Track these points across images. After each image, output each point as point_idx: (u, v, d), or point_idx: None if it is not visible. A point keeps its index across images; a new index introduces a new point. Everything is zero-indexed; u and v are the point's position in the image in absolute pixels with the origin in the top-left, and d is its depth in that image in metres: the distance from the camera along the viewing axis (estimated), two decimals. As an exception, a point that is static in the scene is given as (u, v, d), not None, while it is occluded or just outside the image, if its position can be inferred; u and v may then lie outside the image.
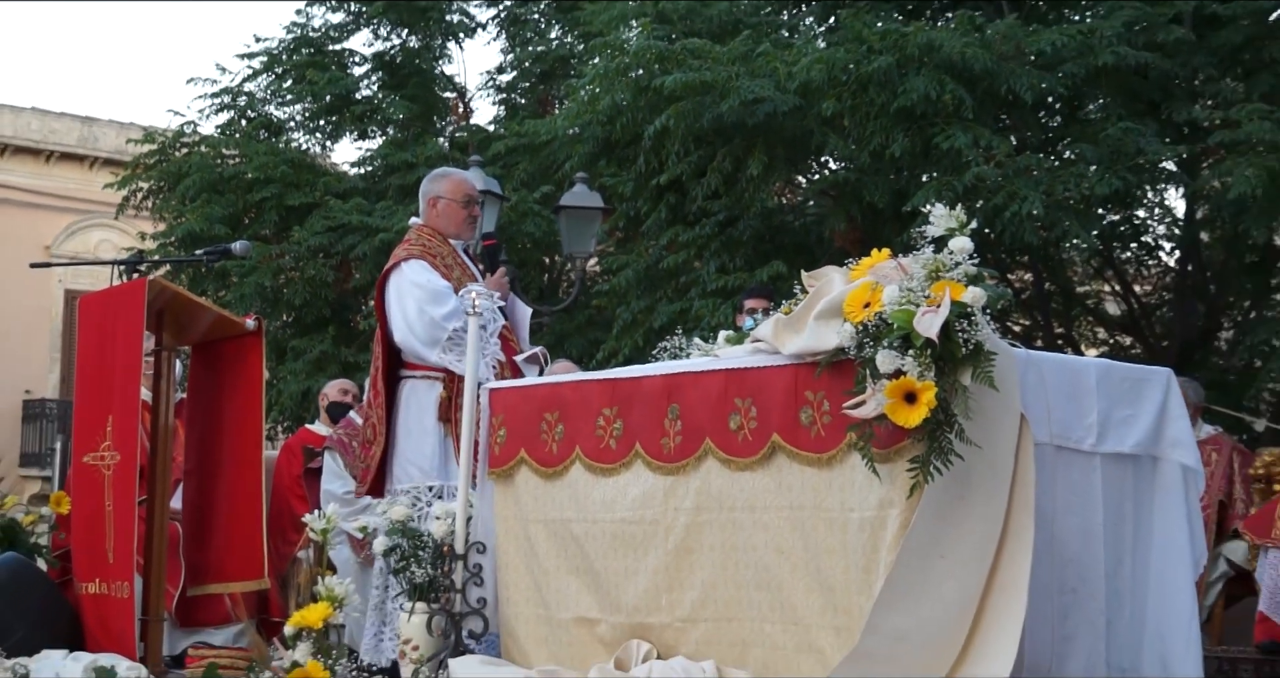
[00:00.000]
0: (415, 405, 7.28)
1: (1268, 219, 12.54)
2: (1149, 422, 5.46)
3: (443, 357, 7.12)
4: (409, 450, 7.27)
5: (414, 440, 7.26)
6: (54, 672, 6.57)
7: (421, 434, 7.25)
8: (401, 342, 7.28)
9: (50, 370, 31.25)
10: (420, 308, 7.17)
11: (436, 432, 7.20)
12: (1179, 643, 5.44)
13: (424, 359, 7.22)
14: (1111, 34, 12.93)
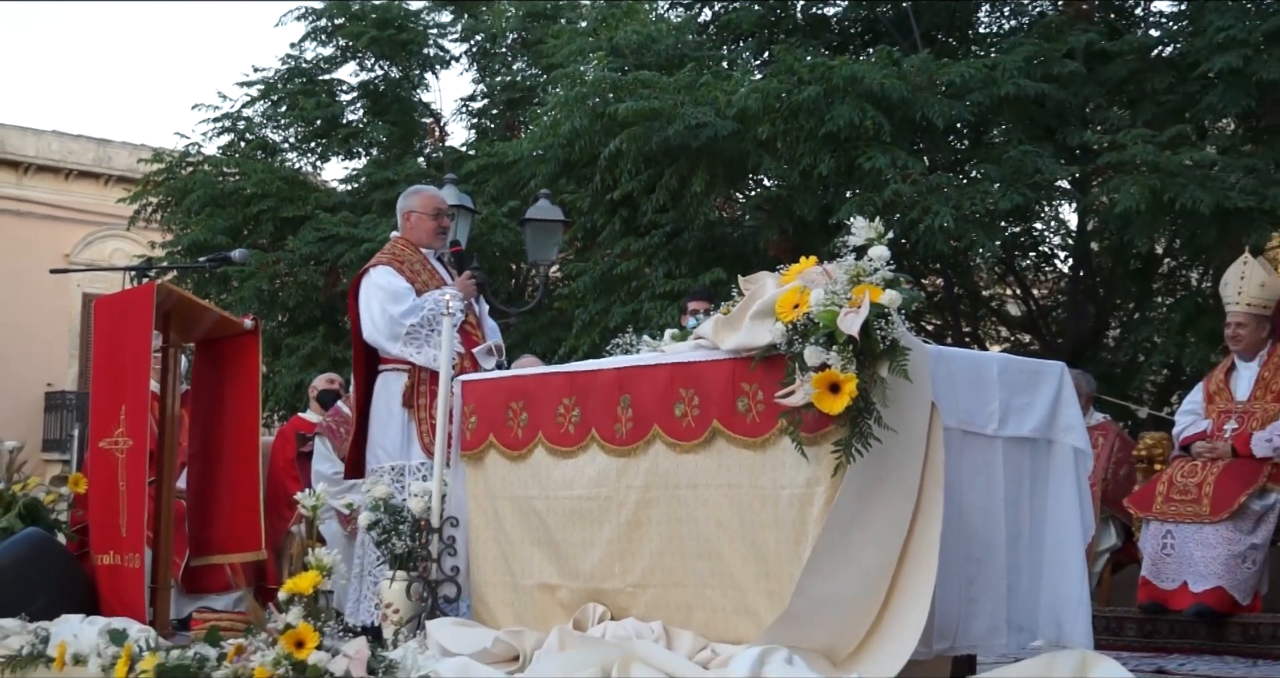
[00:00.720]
0: (385, 395, 7.30)
1: (1149, 231, 12.62)
2: (1045, 409, 5.48)
3: (403, 349, 7.16)
4: (378, 435, 7.30)
5: (382, 426, 7.29)
6: (72, 634, 6.54)
7: (389, 420, 7.26)
8: (368, 337, 7.31)
9: (69, 365, 31.08)
10: (382, 307, 7.20)
11: (401, 417, 7.21)
12: (1071, 604, 5.45)
13: (387, 352, 7.25)
14: (1013, 67, 13.01)
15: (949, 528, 4.78)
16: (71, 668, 6.41)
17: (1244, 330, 8.26)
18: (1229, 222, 11.71)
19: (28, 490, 7.94)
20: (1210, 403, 8.27)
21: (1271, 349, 8.23)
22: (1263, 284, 8.32)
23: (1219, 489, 7.70)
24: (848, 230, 4.80)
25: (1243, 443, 7.93)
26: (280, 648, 5.30)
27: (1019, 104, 13.22)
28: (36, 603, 7.02)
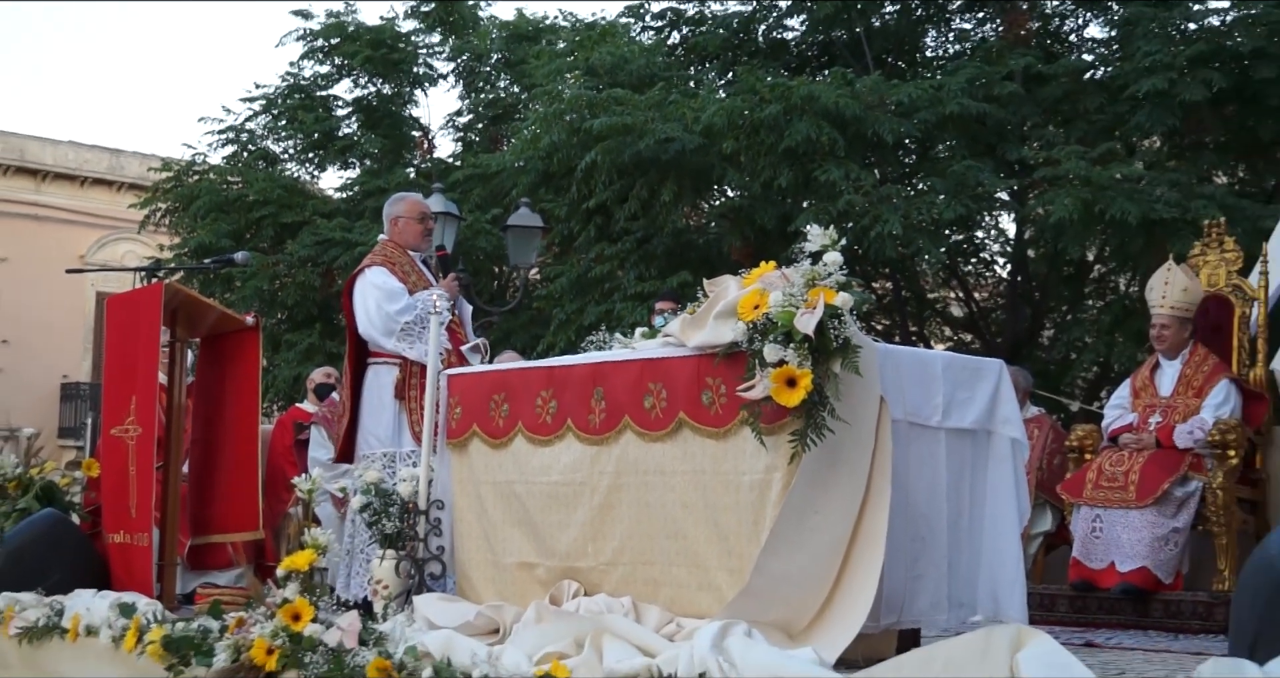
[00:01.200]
0: (376, 386, 7.29)
1: (1081, 240, 12.65)
2: (984, 403, 5.50)
3: (397, 344, 7.15)
4: (370, 423, 7.28)
5: (374, 415, 7.27)
6: (85, 607, 6.52)
7: (380, 410, 7.25)
8: (364, 332, 7.29)
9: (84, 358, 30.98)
10: (378, 305, 7.19)
11: (393, 407, 7.21)
12: (1007, 582, 5.47)
13: (381, 347, 7.24)
14: (956, 88, 13.04)
15: (896, 512, 4.80)
16: (84, 639, 6.40)
17: (1168, 332, 8.30)
18: (1154, 231, 11.76)
19: (44, 474, 7.92)
20: (1136, 398, 8.31)
21: (1193, 349, 8.27)
22: (1185, 289, 8.36)
23: (1144, 477, 7.74)
24: (804, 237, 4.82)
25: (1166, 435, 7.96)
26: (278, 621, 5.29)
27: (962, 122, 13.25)
28: (52, 579, 7.00)
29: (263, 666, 5.26)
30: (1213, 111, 12.78)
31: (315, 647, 5.15)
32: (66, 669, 6.47)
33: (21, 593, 6.99)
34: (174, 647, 5.69)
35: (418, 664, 4.73)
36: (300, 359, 15.92)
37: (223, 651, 5.41)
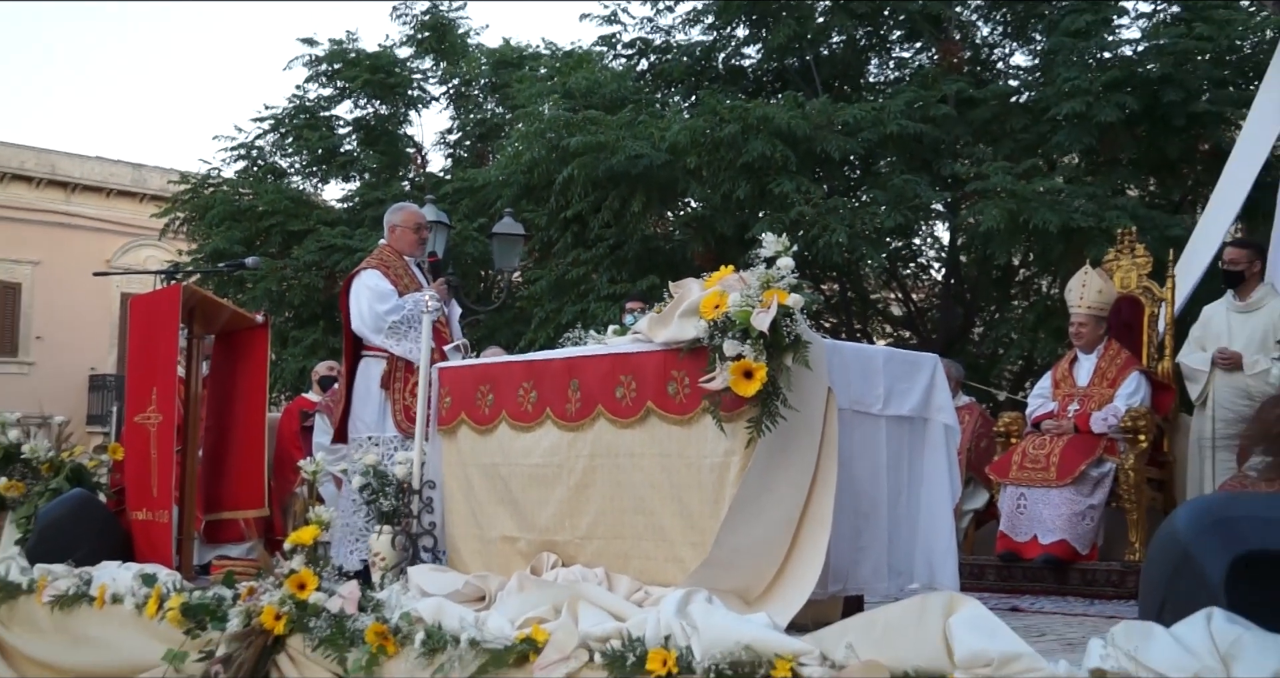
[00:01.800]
0: (366, 377, 7.30)
1: (1008, 246, 12.70)
2: (921, 393, 5.52)
3: (384, 340, 7.16)
4: (359, 410, 7.29)
5: (363, 403, 7.28)
6: (111, 578, 6.51)
7: (368, 398, 7.26)
8: (356, 328, 7.30)
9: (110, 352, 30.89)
10: (370, 304, 7.20)
11: (379, 396, 7.21)
12: (941, 553, 5.50)
13: (370, 341, 7.25)
14: (896, 110, 13.06)
15: (841, 491, 4.82)
16: (110, 606, 6.38)
17: (1085, 329, 8.33)
18: (1073, 238, 11.80)
19: (74, 457, 7.91)
20: (1057, 388, 8.34)
21: (1107, 344, 8.31)
22: (1100, 291, 8.40)
23: (1063, 459, 7.77)
24: (760, 244, 4.82)
25: (1083, 421, 8.00)
26: (285, 590, 5.29)
27: (901, 141, 13.28)
28: (81, 552, 7.01)
29: (272, 630, 5.26)
30: (1125, 131, 12.83)
31: (319, 613, 5.15)
32: (94, 633, 6.45)
33: (53, 564, 6.98)
34: (191, 613, 5.68)
35: (411, 628, 4.73)
36: (305, 354, 15.88)
37: (235, 616, 5.41)
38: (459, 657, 4.46)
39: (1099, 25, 13.40)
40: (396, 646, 4.74)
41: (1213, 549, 3.30)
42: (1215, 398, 7.99)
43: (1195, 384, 8.18)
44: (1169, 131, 12.77)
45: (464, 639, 4.49)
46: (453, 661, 4.48)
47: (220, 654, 5.34)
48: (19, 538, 7.57)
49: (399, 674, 4.70)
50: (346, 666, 4.86)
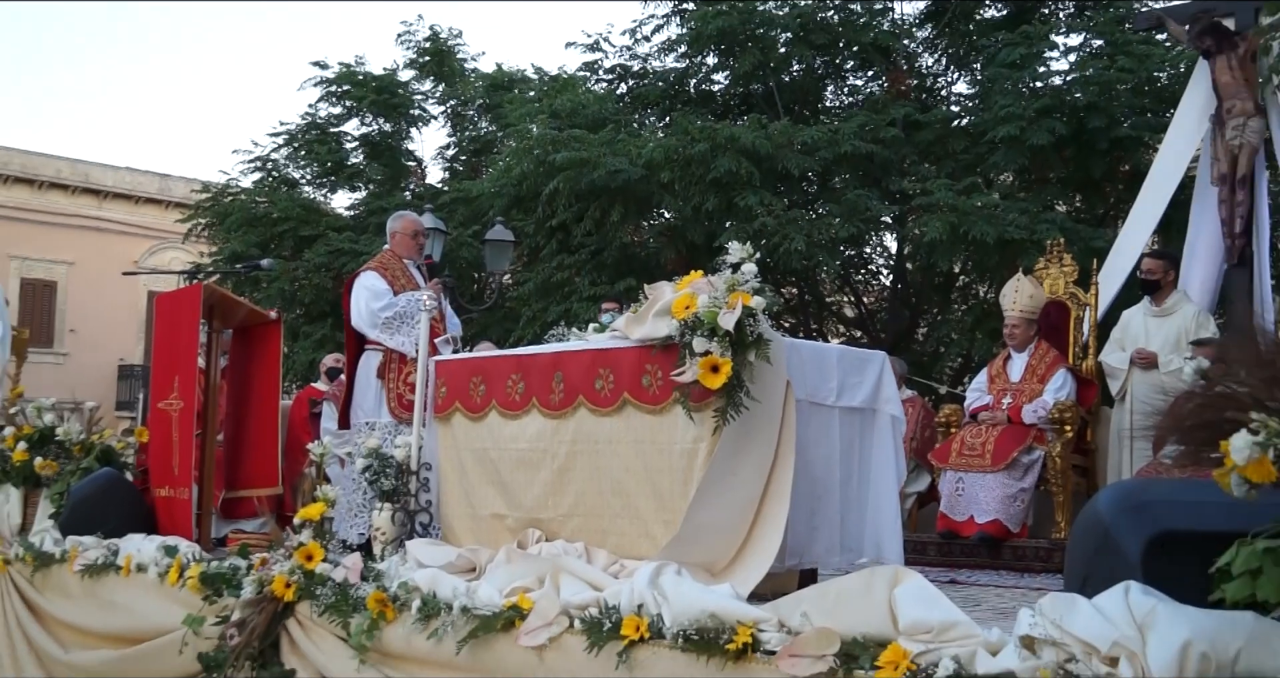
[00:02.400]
0: (366, 368, 7.30)
1: (949, 255, 12.71)
2: (870, 386, 5.53)
3: (379, 334, 7.17)
4: (360, 398, 7.30)
5: (363, 391, 7.29)
6: (136, 549, 6.49)
7: (367, 387, 7.26)
8: (354, 324, 7.31)
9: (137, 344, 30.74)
10: (366, 303, 7.21)
11: (376, 385, 7.21)
12: (887, 531, 5.51)
13: (368, 336, 7.24)
14: (849, 132, 13.08)
15: (798, 474, 4.82)
16: (135, 574, 6.37)
17: (1018, 330, 8.36)
18: (1007, 249, 11.83)
19: (103, 440, 7.89)
20: (992, 383, 8.37)
21: (1037, 344, 8.34)
22: (1031, 296, 8.43)
23: (997, 447, 7.80)
24: (726, 252, 4.82)
25: (1015, 413, 8.03)
26: (294, 560, 5.27)
27: (854, 159, 13.30)
28: (109, 525, 7.01)
29: (282, 597, 5.24)
30: (1054, 153, 12.86)
31: (325, 582, 5.14)
32: (120, 599, 6.42)
33: (83, 536, 6.97)
34: (209, 581, 5.66)
35: (409, 596, 4.72)
36: (315, 347, 15.82)
37: (249, 584, 5.39)
38: (452, 622, 4.46)
39: (1032, 58, 13.43)
40: (395, 612, 4.74)
41: (1131, 529, 3.31)
42: (1133, 393, 8.03)
43: (1115, 381, 8.22)
44: (1093, 154, 12.80)
45: (456, 607, 4.48)
46: (446, 626, 4.47)
47: (235, 619, 5.33)
48: (52, 512, 7.54)
49: (397, 638, 4.69)
50: (349, 630, 4.85)
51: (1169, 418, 3.09)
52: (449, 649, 4.41)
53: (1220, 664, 2.76)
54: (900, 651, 3.23)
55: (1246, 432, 2.79)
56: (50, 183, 30.38)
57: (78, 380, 26.20)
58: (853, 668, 3.33)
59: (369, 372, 7.27)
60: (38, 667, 6.95)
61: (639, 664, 3.85)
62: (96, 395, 22.83)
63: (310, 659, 5.08)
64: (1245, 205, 8.44)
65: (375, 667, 4.76)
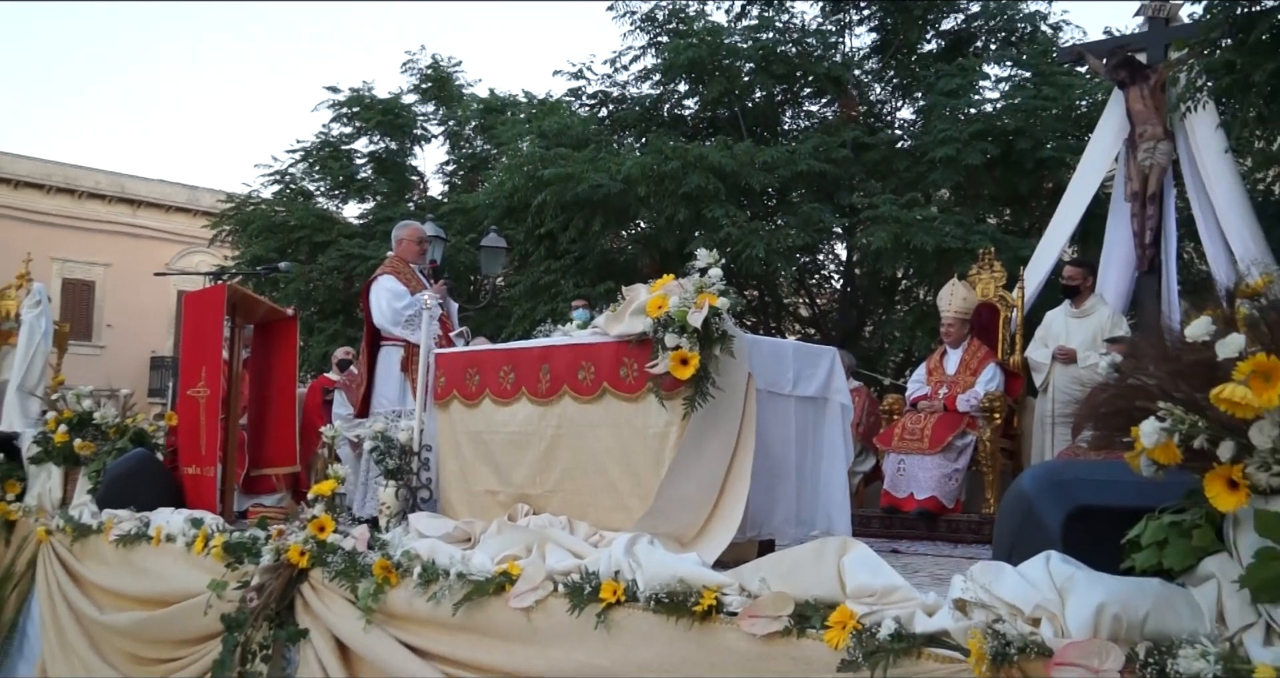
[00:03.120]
0: (387, 362, 7.23)
1: (893, 262, 12.76)
2: (822, 378, 5.54)
3: (402, 331, 7.11)
4: (382, 389, 7.22)
5: (385, 382, 7.22)
6: (165, 521, 6.46)
7: (389, 379, 7.20)
8: (378, 323, 7.25)
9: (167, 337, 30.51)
10: (388, 302, 7.16)
11: (399, 377, 7.16)
12: (837, 506, 5.53)
13: (390, 333, 7.19)
14: (805, 152, 13.13)
15: (758, 455, 4.83)
16: (164, 544, 6.34)
17: (953, 329, 8.40)
18: (944, 257, 11.87)
19: (137, 423, 7.86)
20: (930, 376, 8.40)
21: (970, 341, 8.38)
22: (965, 298, 8.47)
23: (935, 432, 7.83)
24: (695, 258, 4.82)
25: (951, 402, 8.07)
26: (308, 531, 5.25)
27: (809, 177, 13.33)
28: (141, 500, 6.98)
29: (297, 564, 5.22)
30: (986, 172, 12.93)
31: (335, 550, 5.12)
32: (151, 566, 6.39)
33: (118, 510, 6.93)
34: (231, 550, 5.64)
35: (411, 564, 4.71)
36: (328, 341, 15.76)
37: (267, 552, 5.37)
38: (449, 587, 4.45)
39: (966, 87, 13.50)
40: (398, 578, 4.72)
41: (1052, 505, 3.33)
42: (1055, 385, 8.08)
43: (1039, 374, 8.27)
44: (1020, 173, 12.87)
45: (453, 573, 4.47)
46: (444, 590, 4.46)
47: (254, 583, 5.31)
48: (90, 488, 7.51)
49: (400, 601, 4.68)
50: (357, 593, 4.83)
51: (1086, 407, 3.10)
52: (446, 611, 4.40)
53: (1130, 625, 2.78)
54: (847, 612, 3.24)
55: (1154, 419, 2.81)
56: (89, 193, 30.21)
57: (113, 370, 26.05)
58: (805, 628, 3.34)
59: (390, 365, 7.20)
60: (76, 626, 6.91)
61: (615, 625, 3.85)
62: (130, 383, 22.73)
63: (322, 620, 5.07)
64: (1155, 219, 8.51)
65: (380, 626, 4.74)
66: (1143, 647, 2.72)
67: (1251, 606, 2.70)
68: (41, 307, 9.29)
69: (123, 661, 6.47)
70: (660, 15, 15.24)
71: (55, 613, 7.14)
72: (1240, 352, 2.72)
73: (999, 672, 2.84)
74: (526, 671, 4.07)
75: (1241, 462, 2.71)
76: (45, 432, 7.98)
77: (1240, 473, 2.70)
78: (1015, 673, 2.81)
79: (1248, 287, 3.14)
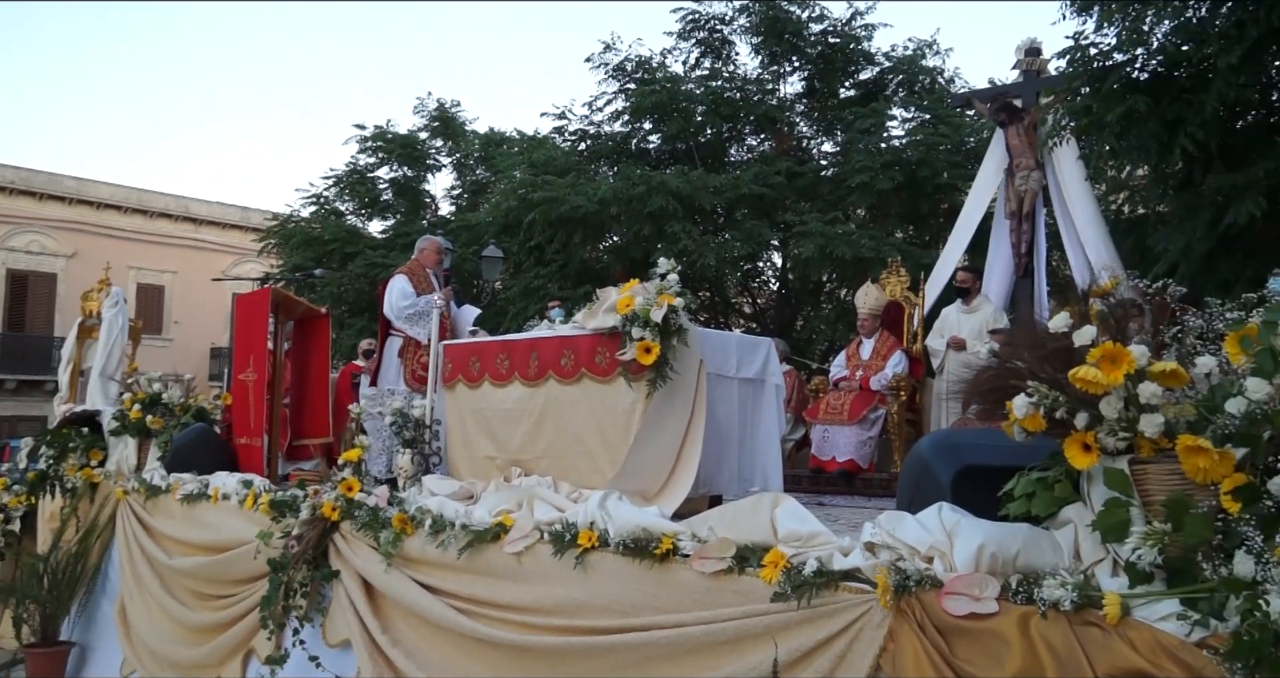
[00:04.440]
0: (391, 349, 7.21)
1: (819, 269, 12.80)
2: (760, 363, 5.55)
3: (402, 324, 7.09)
4: (385, 371, 7.21)
5: (388, 366, 7.20)
6: (221, 482, 6.41)
7: (390, 363, 7.18)
8: (386, 313, 7.22)
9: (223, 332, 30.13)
10: (395, 300, 7.13)
11: (396, 362, 7.14)
12: (772, 467, 5.53)
13: (395, 325, 7.16)
14: (748, 178, 13.15)
15: (708, 426, 4.83)
16: (221, 502, 6.28)
17: (867, 323, 8.43)
18: (861, 264, 11.93)
19: (198, 402, 7.78)
20: (849, 361, 8.43)
21: (881, 333, 8.41)
22: (877, 298, 8.50)
23: (852, 407, 7.86)
24: (657, 265, 4.82)
25: (865, 382, 8.09)
26: (339, 491, 5.22)
27: (750, 199, 13.36)
28: (202, 465, 6.92)
29: (329, 517, 5.19)
30: (894, 195, 12.99)
31: (361, 506, 5.09)
32: (210, 519, 6.35)
33: (183, 474, 6.87)
34: (276, 506, 5.60)
35: (423, 517, 4.70)
36: (355, 334, 15.64)
37: (305, 508, 5.34)
38: (454, 536, 4.44)
39: (878, 126, 13.56)
40: (413, 528, 4.71)
41: (944, 465, 3.35)
42: (948, 368, 8.13)
43: (936, 359, 8.32)
44: (922, 196, 12.95)
45: (458, 524, 4.46)
46: (450, 538, 4.45)
47: (294, 534, 5.28)
48: (160, 456, 7.44)
49: (414, 547, 4.67)
50: (379, 541, 4.81)
51: (972, 386, 3.13)
52: (452, 555, 4.40)
53: (1005, 561, 2.81)
54: (779, 554, 3.25)
55: (1025, 395, 2.83)
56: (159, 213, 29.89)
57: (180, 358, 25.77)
58: (745, 566, 3.35)
59: (393, 351, 7.19)
60: (150, 569, 6.85)
61: (590, 565, 3.85)
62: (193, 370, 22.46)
63: (350, 563, 5.04)
64: (1029, 234, 8.56)
65: (398, 568, 4.73)
66: (1015, 579, 2.75)
67: (1101, 545, 2.74)
68: (119, 306, 9.20)
69: (188, 597, 6.42)
70: (629, 66, 15.22)
71: (132, 559, 7.08)
72: (1093, 340, 2.75)
73: (900, 600, 2.86)
74: (518, 603, 4.07)
75: (1094, 429, 2.74)
76: (122, 410, 7.90)
77: (1093, 438, 2.74)
78: (913, 601, 2.84)
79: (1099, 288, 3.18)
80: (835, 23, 14.70)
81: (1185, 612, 2.44)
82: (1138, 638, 2.44)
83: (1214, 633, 2.37)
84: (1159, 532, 2.52)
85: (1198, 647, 2.36)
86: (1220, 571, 2.38)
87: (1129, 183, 8.65)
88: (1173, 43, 6.66)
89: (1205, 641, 2.37)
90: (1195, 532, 2.44)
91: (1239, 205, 6.39)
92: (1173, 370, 2.62)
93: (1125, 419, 2.68)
